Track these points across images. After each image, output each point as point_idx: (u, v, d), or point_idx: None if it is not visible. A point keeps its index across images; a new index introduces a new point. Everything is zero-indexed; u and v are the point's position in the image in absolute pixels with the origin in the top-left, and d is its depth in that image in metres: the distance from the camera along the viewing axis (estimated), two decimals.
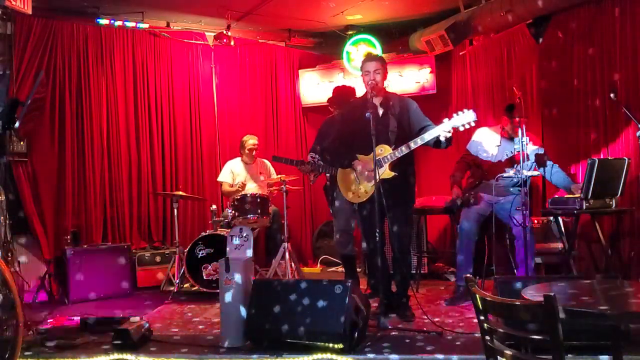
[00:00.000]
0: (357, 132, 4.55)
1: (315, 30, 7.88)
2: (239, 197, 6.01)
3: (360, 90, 5.47)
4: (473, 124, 4.34)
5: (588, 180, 4.64)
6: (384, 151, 4.40)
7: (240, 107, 7.79)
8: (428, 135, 4.32)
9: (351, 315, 3.75)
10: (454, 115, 4.34)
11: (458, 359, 3.60)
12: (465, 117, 4.31)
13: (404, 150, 4.36)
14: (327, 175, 5.56)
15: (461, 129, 4.35)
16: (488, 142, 5.18)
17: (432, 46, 7.08)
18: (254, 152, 6.73)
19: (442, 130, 4.31)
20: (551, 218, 5.43)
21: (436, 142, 4.42)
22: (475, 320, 2.26)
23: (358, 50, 7.73)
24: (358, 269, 5.70)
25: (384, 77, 4.56)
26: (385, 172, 4.38)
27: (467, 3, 6.71)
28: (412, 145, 4.35)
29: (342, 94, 5.68)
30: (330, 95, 5.87)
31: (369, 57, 4.62)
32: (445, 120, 4.34)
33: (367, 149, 4.43)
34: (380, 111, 4.54)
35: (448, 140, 4.38)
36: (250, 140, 6.75)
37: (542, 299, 1.92)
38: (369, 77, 4.47)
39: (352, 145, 4.60)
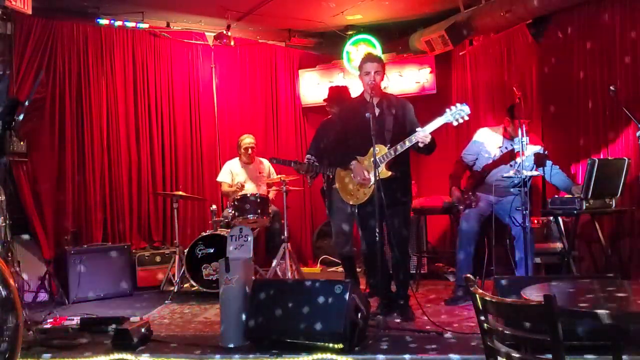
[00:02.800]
0: (354, 132, 4.57)
1: (315, 30, 7.88)
2: (239, 197, 6.00)
3: (356, 90, 5.49)
4: (467, 118, 4.34)
5: (588, 180, 4.64)
6: (380, 151, 4.40)
7: (240, 107, 7.79)
8: (422, 131, 4.31)
9: (351, 315, 3.75)
10: (447, 110, 4.33)
11: (458, 359, 3.60)
12: (458, 112, 4.31)
13: (399, 148, 4.37)
14: (324, 177, 5.57)
15: (455, 123, 4.35)
16: (490, 143, 5.18)
17: (432, 46, 7.08)
18: (250, 151, 6.69)
19: (437, 126, 4.32)
20: (551, 218, 5.43)
21: (419, 147, 4.40)
22: (475, 320, 2.26)
23: (358, 50, 7.72)
24: (358, 269, 5.70)
25: (382, 78, 4.58)
26: (382, 172, 4.38)
27: (467, 3, 6.70)
28: (407, 143, 4.35)
29: (339, 92, 5.68)
30: (326, 96, 5.86)
31: (369, 58, 4.60)
32: (432, 120, 4.34)
33: (364, 149, 4.47)
34: (377, 111, 4.52)
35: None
36: (247, 140, 6.72)
37: (542, 299, 1.92)
38: (369, 77, 4.46)
39: (349, 145, 4.61)
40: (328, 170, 5.29)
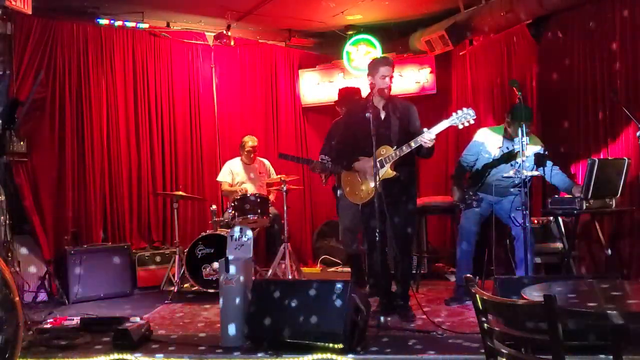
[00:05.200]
0: (360, 133, 4.60)
1: (315, 30, 7.88)
2: (239, 197, 6.01)
3: (364, 91, 5.53)
4: (472, 122, 4.38)
5: (588, 180, 4.64)
6: (386, 152, 4.46)
7: (240, 107, 7.79)
8: (428, 134, 4.34)
9: (351, 315, 3.75)
10: (453, 113, 4.40)
11: (458, 359, 3.60)
12: (465, 115, 4.36)
13: (404, 149, 4.41)
14: (335, 175, 5.60)
15: (460, 126, 4.41)
16: (490, 143, 5.17)
17: (432, 46, 7.08)
18: (252, 154, 6.73)
19: (443, 127, 4.37)
20: (551, 218, 5.43)
21: (419, 149, 4.45)
22: (475, 320, 2.26)
23: (358, 50, 7.73)
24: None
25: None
26: (387, 172, 4.44)
27: (467, 3, 6.71)
28: (413, 144, 4.39)
29: (349, 93, 5.71)
30: (337, 97, 5.90)
31: (386, 62, 4.61)
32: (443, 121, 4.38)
33: (370, 149, 4.49)
34: (383, 114, 4.60)
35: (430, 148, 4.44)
36: (250, 142, 6.74)
37: (542, 299, 1.92)
38: (385, 81, 4.51)
39: (356, 146, 4.65)
40: (339, 169, 5.31)
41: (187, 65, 7.46)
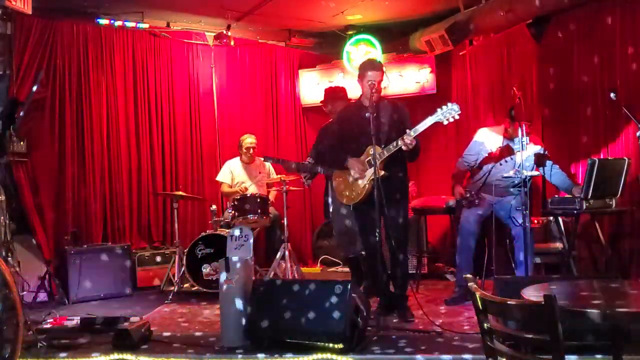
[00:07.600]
0: (351, 135, 4.64)
1: (315, 30, 7.88)
2: (239, 197, 6.01)
3: (352, 91, 5.53)
4: (457, 117, 4.36)
5: (588, 180, 4.64)
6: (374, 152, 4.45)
7: (240, 107, 7.79)
8: (408, 136, 4.34)
9: (351, 315, 3.75)
10: (438, 109, 4.36)
11: (457, 359, 3.60)
12: (449, 111, 4.34)
13: (391, 148, 4.41)
14: (326, 179, 5.60)
15: (445, 122, 4.39)
16: (490, 143, 5.18)
17: (432, 46, 7.08)
18: (251, 151, 6.71)
19: (427, 125, 4.35)
20: (551, 218, 5.43)
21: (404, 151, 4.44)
22: (475, 320, 2.26)
23: (358, 50, 7.73)
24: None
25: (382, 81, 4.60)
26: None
27: (467, 3, 6.71)
28: (399, 142, 4.38)
29: (334, 92, 5.73)
30: (323, 97, 5.91)
31: (374, 66, 4.58)
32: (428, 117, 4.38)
33: (359, 151, 4.56)
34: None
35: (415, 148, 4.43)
36: (248, 139, 6.74)
37: (542, 299, 1.92)
38: (374, 87, 4.48)
39: (345, 148, 4.67)
40: (325, 171, 5.31)
41: (187, 65, 7.45)
